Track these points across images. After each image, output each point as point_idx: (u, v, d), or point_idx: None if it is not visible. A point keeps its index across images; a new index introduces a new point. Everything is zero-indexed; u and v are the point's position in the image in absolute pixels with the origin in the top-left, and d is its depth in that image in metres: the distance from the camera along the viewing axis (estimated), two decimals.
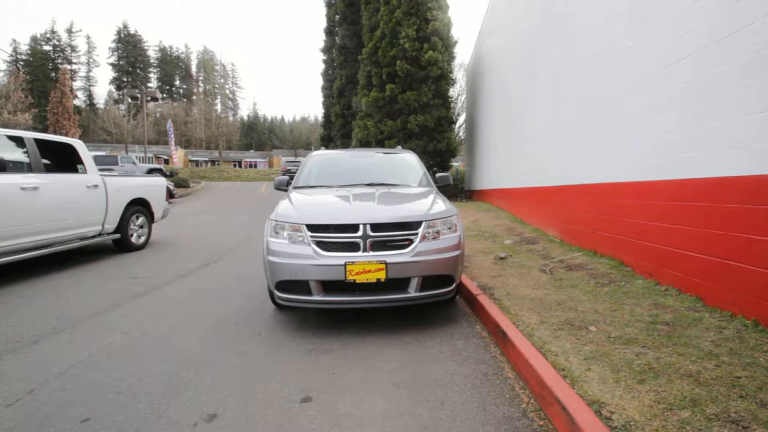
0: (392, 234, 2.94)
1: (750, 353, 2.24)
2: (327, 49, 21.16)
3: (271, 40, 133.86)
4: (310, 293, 2.89)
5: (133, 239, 6.56)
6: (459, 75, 20.56)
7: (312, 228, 2.96)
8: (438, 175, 4.37)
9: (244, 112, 67.32)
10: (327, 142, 21.26)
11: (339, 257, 2.85)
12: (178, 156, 21.51)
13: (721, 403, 1.80)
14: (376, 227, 2.92)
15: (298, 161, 27.09)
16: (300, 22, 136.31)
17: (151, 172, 18.91)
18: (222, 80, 56.81)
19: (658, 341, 2.51)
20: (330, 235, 2.93)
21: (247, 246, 7.13)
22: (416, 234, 2.98)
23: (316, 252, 2.88)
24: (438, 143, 14.22)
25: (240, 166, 52.55)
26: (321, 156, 4.70)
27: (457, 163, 18.67)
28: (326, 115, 21.39)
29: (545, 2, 6.99)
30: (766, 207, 2.54)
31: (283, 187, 4.29)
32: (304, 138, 66.13)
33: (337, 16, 19.65)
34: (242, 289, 4.34)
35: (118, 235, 6.17)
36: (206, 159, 52.61)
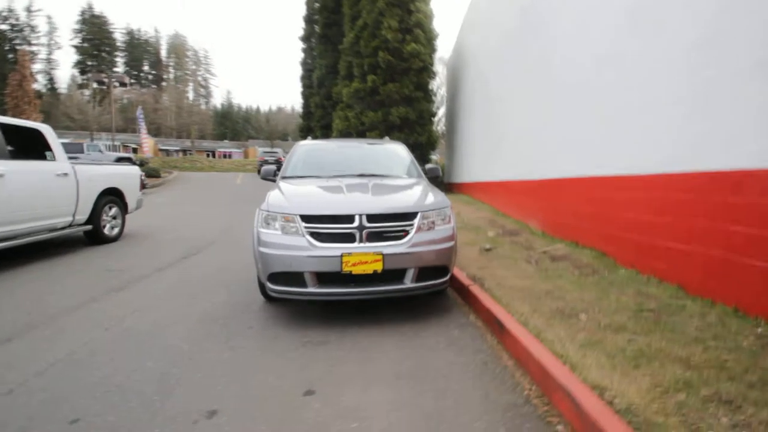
0: (388, 225, 2.91)
1: (733, 338, 2.35)
2: (306, 38, 20.70)
3: (246, 27, 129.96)
4: (304, 285, 2.83)
5: (106, 231, 6.25)
6: (438, 68, 20.56)
7: (306, 218, 2.89)
8: (427, 166, 4.36)
9: (217, 101, 65.24)
10: (306, 132, 20.87)
11: (335, 248, 2.80)
12: (148, 144, 20.62)
13: (713, 386, 1.88)
14: (371, 218, 2.88)
15: (275, 151, 26.52)
16: (276, 9, 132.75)
17: (119, 161, 18.07)
18: (194, 67, 54.76)
19: (646, 328, 2.60)
20: (325, 225, 2.87)
21: (227, 238, 6.94)
22: (412, 225, 2.97)
23: (310, 243, 2.82)
24: (419, 136, 14.23)
25: (213, 156, 51.05)
26: (308, 146, 4.59)
27: (435, 156, 18.77)
28: (305, 105, 21.01)
29: (527, 2, 7.06)
30: (745, 198, 2.67)
31: (270, 177, 4.18)
32: (280, 128, 64.90)
33: (317, 4, 19.25)
34: (227, 281, 4.22)
35: (90, 227, 5.87)
36: (177, 148, 50.83)
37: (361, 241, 2.84)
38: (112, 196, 6.38)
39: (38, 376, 2.25)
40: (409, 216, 2.98)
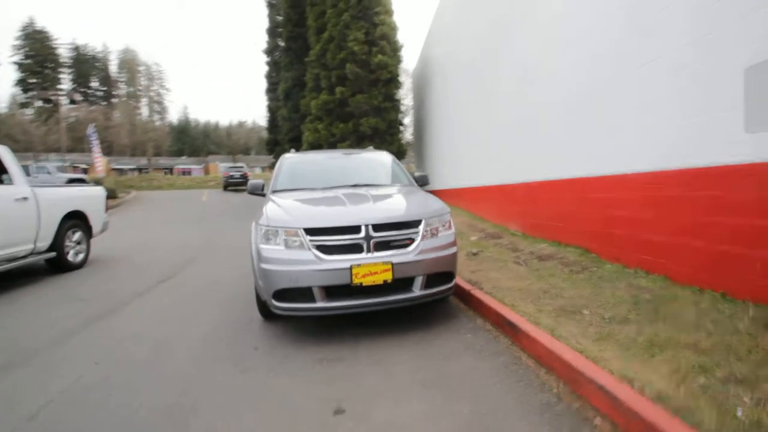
0: (394, 234, 2.90)
1: (730, 321, 2.51)
2: (270, 51, 20.45)
3: (202, 41, 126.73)
4: (312, 300, 2.74)
5: (70, 257, 5.81)
6: (402, 79, 20.95)
7: (311, 231, 2.81)
8: (417, 174, 4.40)
9: (173, 116, 62.90)
10: (273, 146, 20.51)
11: (343, 260, 2.74)
12: (101, 164, 19.45)
13: (726, 367, 1.99)
14: (378, 227, 2.85)
15: (240, 166, 25.82)
16: (233, 22, 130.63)
17: (71, 182, 16.93)
18: (147, 82, 52.52)
19: (648, 318, 2.72)
20: (330, 237, 2.81)
21: (205, 259, 6.65)
22: (417, 233, 2.96)
23: (317, 256, 2.75)
24: (390, 145, 14.33)
25: (171, 174, 48.98)
26: (295, 158, 4.51)
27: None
28: (271, 119, 20.65)
29: (496, 16, 7.37)
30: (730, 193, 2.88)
31: (258, 191, 4.06)
32: (242, 143, 63.39)
33: (279, 17, 19.12)
34: (215, 302, 4.02)
35: (53, 254, 5.42)
36: (132, 167, 48.35)
37: (368, 251, 2.80)
38: (75, 219, 5.95)
39: (30, 420, 2.02)
40: (414, 224, 2.98)
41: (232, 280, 5.03)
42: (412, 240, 2.94)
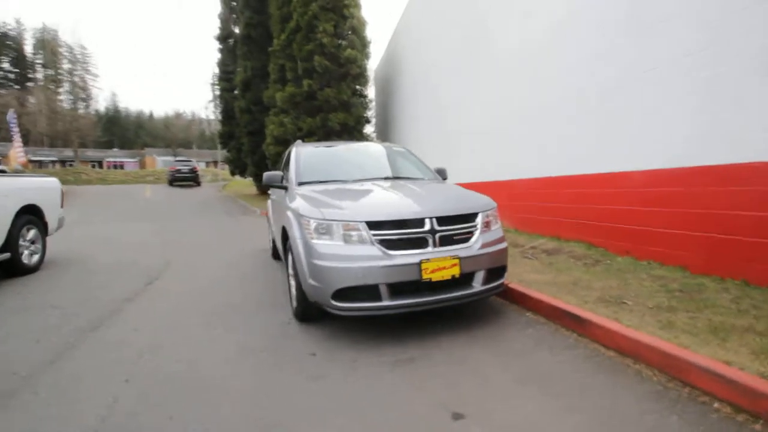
0: (457, 227, 2.80)
1: (766, 305, 2.74)
2: (224, 38, 19.18)
3: (135, 24, 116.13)
4: (378, 298, 2.56)
5: (25, 258, 5.00)
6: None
7: (373, 225, 2.63)
8: (435, 167, 4.33)
9: (101, 105, 56.97)
10: (227, 139, 19.30)
11: (412, 255, 2.59)
12: (22, 153, 17.04)
13: None
14: (441, 221, 2.74)
15: (189, 161, 24.00)
16: (168, 3, 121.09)
17: None
18: (70, 65, 46.88)
19: (690, 306, 2.88)
20: (395, 231, 2.64)
21: (184, 256, 6.08)
22: (475, 226, 2.89)
23: (383, 252, 2.57)
24: (358, 142, 14.17)
25: (101, 167, 44.44)
26: (311, 149, 4.22)
27: None
28: (226, 110, 19.40)
29: (468, 24, 7.50)
30: (751, 188, 3.14)
31: (277, 183, 3.74)
32: (181, 135, 59.17)
33: (234, 3, 18.05)
34: (226, 306, 3.65)
35: (7, 255, 4.62)
36: (54, 158, 43.15)
37: (434, 245, 2.68)
38: (29, 215, 5.13)
39: None
40: (472, 217, 2.91)
41: (233, 281, 4.62)
42: (472, 234, 2.86)
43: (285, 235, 3.42)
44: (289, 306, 3.47)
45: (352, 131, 14.15)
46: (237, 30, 18.81)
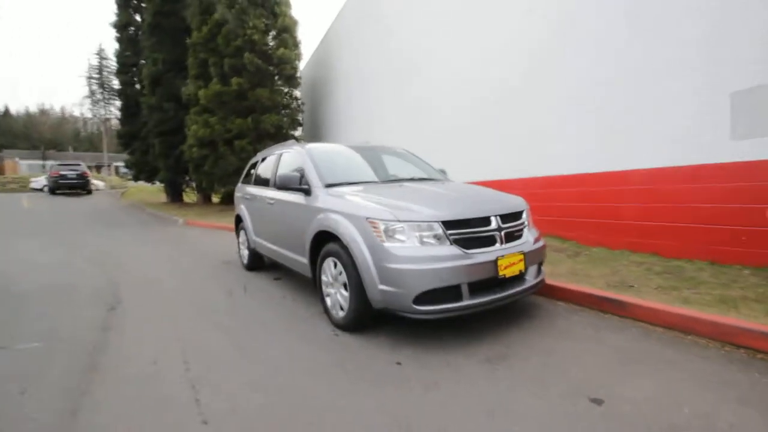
0: (515, 224, 2.90)
1: (745, 279, 3.37)
2: (123, 26, 16.65)
3: None
4: (460, 298, 2.52)
5: None
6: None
7: (449, 225, 2.59)
8: (438, 168, 4.41)
9: None
10: (129, 140, 16.77)
11: (488, 253, 2.61)
12: None
13: None
14: (504, 218, 2.82)
15: (77, 164, 20.21)
16: None
17: None
18: None
19: (687, 284, 3.40)
20: (469, 230, 2.64)
21: (132, 277, 5.20)
22: (524, 223, 3.04)
23: (463, 251, 2.55)
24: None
25: None
26: (325, 149, 3.93)
27: None
28: (127, 106, 16.85)
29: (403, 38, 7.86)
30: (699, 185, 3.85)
31: (295, 186, 3.44)
32: (47, 136, 49.91)
33: None
34: (239, 321, 3.24)
35: None
36: None
37: (501, 243, 2.74)
38: None
39: None
40: (521, 215, 3.04)
41: (215, 296, 4.09)
42: (522, 230, 3.00)
43: (316, 244, 3.17)
44: (322, 317, 3.22)
45: (287, 135, 13.57)
46: (138, 17, 16.62)
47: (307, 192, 3.42)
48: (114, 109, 31.55)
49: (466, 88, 7.08)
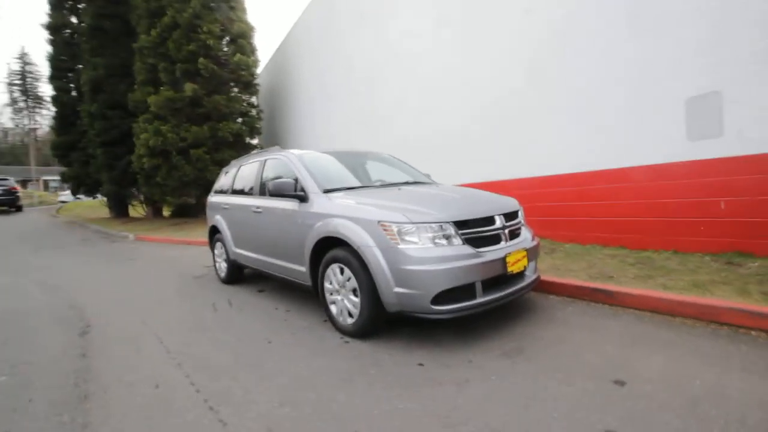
0: (514, 223, 3.03)
1: (707, 264, 3.74)
2: (57, 27, 15.23)
3: None
4: (473, 296, 2.58)
5: None
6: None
7: (460, 225, 2.65)
8: (424, 173, 4.50)
9: None
10: (66, 151, 15.28)
11: (497, 251, 2.70)
12: None
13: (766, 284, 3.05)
14: (506, 217, 2.93)
15: (6, 179, 18.09)
16: None
17: None
18: None
19: (660, 273, 3.70)
20: (477, 230, 2.71)
21: (93, 299, 4.79)
22: (521, 222, 3.18)
23: (475, 250, 2.62)
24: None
25: None
26: (314, 156, 3.83)
27: None
28: (63, 115, 15.36)
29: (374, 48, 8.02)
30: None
31: (290, 192, 3.35)
32: None
33: None
34: (238, 336, 3.10)
35: None
36: None
37: (505, 240, 2.85)
38: None
39: None
40: (517, 214, 3.18)
41: (199, 310, 3.87)
42: (520, 229, 3.13)
43: (318, 250, 3.11)
44: (324, 326, 3.17)
45: (246, 144, 13.14)
46: (75, 19, 15.34)
47: (302, 198, 3.34)
48: (41, 119, 28.75)
49: (430, 95, 7.29)
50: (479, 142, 6.46)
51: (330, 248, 3.02)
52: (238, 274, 4.93)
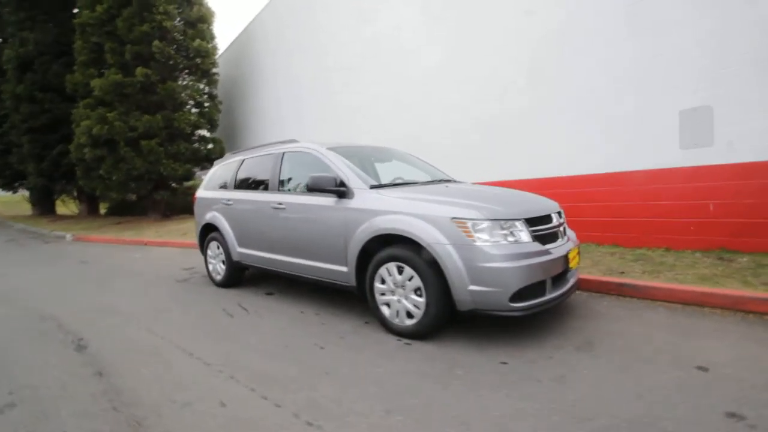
0: (563, 221, 3.11)
1: (701, 260, 4.14)
2: None
3: None
4: (543, 293, 2.60)
5: None
6: None
7: (530, 222, 2.66)
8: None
9: None
10: None
11: (560, 248, 2.75)
12: None
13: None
14: (559, 215, 3.00)
15: None
16: None
17: None
18: None
19: (664, 268, 4.03)
20: (542, 227, 2.74)
21: (67, 308, 4.19)
22: (563, 220, 3.28)
23: (545, 247, 2.64)
24: (215, 145, 12.34)
25: None
26: (343, 150, 3.59)
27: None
28: None
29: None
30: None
31: (330, 187, 3.14)
32: None
33: None
34: (270, 346, 2.86)
35: None
36: None
37: (561, 238, 2.91)
38: None
39: None
40: (561, 212, 3.27)
41: (227, 316, 3.52)
42: (566, 226, 3.23)
43: (366, 249, 2.95)
44: (370, 328, 3.02)
45: (203, 135, 12.25)
46: None
47: (341, 194, 3.16)
48: None
49: (406, 92, 7.34)
50: (478, 142, 6.60)
51: (380, 247, 2.89)
52: (238, 277, 4.54)
